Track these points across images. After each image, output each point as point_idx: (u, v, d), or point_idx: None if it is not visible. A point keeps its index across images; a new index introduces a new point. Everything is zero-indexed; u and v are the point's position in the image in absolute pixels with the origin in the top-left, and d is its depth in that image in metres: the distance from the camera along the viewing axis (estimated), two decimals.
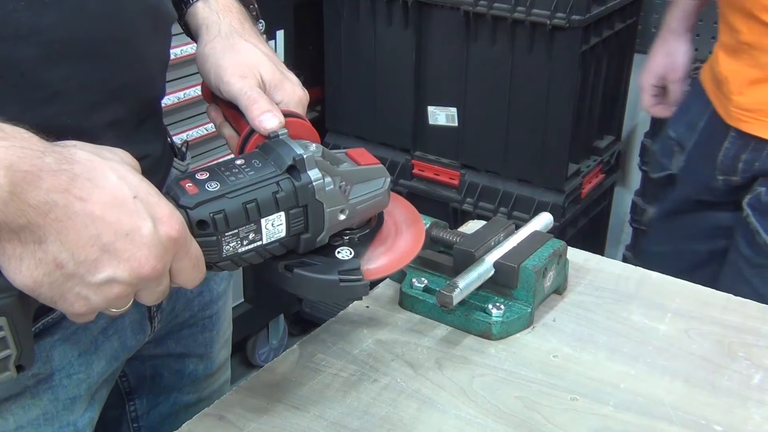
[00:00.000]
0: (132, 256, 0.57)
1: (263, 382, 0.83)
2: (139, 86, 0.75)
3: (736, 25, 1.28)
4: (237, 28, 0.81)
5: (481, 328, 0.89)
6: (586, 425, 0.77)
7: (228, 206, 0.64)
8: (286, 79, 0.80)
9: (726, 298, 0.97)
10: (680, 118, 1.49)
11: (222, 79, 0.77)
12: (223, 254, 0.65)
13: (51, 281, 0.56)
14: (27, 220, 0.54)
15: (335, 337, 0.89)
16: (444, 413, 0.78)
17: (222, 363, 1.02)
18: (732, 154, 1.32)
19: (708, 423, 0.78)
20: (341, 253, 0.72)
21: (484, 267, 0.90)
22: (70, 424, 0.76)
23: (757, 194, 1.30)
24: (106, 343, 0.79)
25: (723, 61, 1.33)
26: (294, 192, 0.67)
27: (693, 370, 0.85)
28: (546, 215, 1.03)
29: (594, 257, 1.05)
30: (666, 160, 1.51)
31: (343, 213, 0.71)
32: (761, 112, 1.28)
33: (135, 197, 0.57)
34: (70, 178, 0.55)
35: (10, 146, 0.53)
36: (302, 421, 0.77)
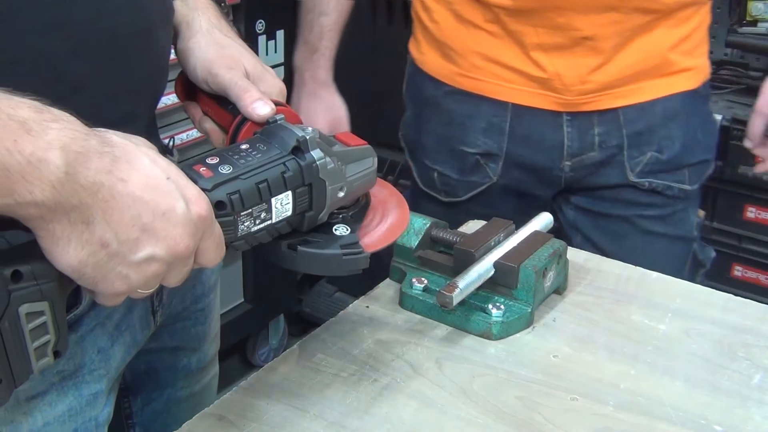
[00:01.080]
0: (168, 235, 0.59)
1: (263, 382, 0.83)
2: (154, 78, 0.78)
3: (573, 24, 1.28)
4: (215, 23, 0.85)
5: (481, 328, 0.89)
6: (586, 425, 0.77)
7: (242, 187, 0.66)
8: (266, 71, 0.83)
9: (726, 298, 0.97)
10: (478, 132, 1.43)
11: (210, 71, 0.80)
12: (239, 233, 0.67)
13: (95, 261, 0.57)
14: (79, 200, 0.55)
15: (335, 337, 0.89)
16: (444, 413, 0.78)
17: (212, 357, 1.03)
18: (577, 135, 1.35)
19: (708, 423, 0.78)
20: (338, 230, 0.75)
21: (484, 267, 0.90)
22: (92, 419, 0.77)
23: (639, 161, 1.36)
24: (120, 339, 0.80)
25: (547, 62, 1.32)
26: (300, 171, 0.70)
27: (693, 370, 0.85)
28: (546, 215, 1.03)
29: (594, 257, 1.05)
30: (477, 176, 1.44)
31: (341, 190, 0.74)
32: (610, 88, 1.32)
33: (168, 178, 0.60)
34: (112, 160, 0.57)
35: (62, 128, 0.55)
36: (302, 421, 0.77)
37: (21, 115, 0.54)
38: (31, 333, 0.58)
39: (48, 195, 0.54)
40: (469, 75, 1.37)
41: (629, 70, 1.32)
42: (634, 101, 1.34)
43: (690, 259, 1.48)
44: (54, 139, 0.54)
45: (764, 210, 2.04)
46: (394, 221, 0.79)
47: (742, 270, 2.10)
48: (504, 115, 1.36)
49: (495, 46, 1.33)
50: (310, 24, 1.42)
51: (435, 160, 1.43)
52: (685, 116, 1.38)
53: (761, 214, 2.04)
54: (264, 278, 2.16)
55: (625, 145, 1.35)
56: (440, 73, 1.41)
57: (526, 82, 1.34)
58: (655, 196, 1.39)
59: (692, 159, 1.40)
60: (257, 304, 2.17)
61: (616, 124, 1.34)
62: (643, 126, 1.35)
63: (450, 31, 1.37)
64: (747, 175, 2.01)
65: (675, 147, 1.37)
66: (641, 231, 1.41)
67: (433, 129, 1.43)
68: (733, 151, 2.01)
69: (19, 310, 0.57)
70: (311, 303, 2.49)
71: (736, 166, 2.02)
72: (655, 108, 1.35)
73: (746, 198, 2.05)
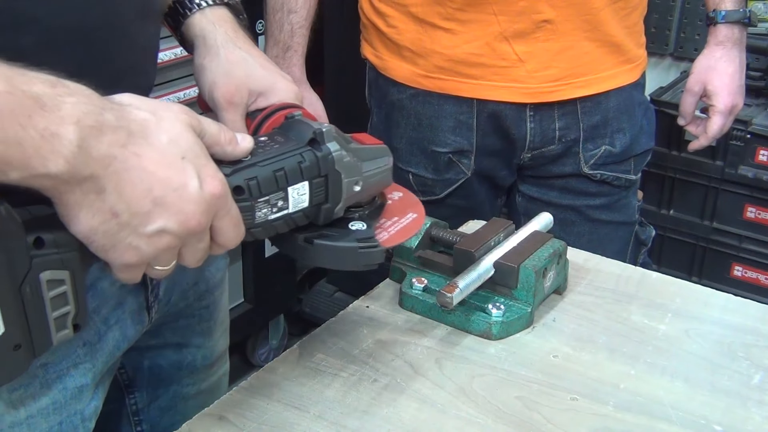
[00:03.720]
0: (180, 210, 0.61)
1: (263, 382, 0.83)
2: (131, 73, 0.77)
3: (536, 6, 1.30)
4: (232, 36, 0.86)
5: (481, 328, 0.89)
6: (586, 425, 0.77)
7: (260, 173, 0.68)
8: (279, 79, 0.85)
9: (726, 298, 0.97)
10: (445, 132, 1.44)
11: (213, 97, 0.83)
12: (256, 220, 0.69)
13: (106, 229, 0.59)
14: (90, 172, 0.57)
15: (335, 337, 0.89)
16: (444, 413, 0.78)
17: (220, 353, 1.03)
18: (539, 130, 1.38)
19: (708, 423, 0.78)
20: (354, 226, 0.76)
21: (484, 267, 0.90)
22: (77, 413, 0.77)
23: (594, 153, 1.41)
24: (108, 333, 0.80)
25: (509, 50, 1.33)
26: (316, 162, 0.71)
27: (693, 370, 0.85)
28: (546, 215, 1.03)
29: (594, 257, 1.05)
30: (452, 173, 1.45)
31: (357, 184, 0.75)
32: (571, 76, 1.36)
33: (183, 158, 0.61)
34: (127, 134, 0.59)
35: (77, 102, 0.57)
36: (302, 421, 0.77)
37: (35, 91, 0.55)
38: (51, 301, 0.60)
39: (61, 167, 0.56)
40: (431, 76, 1.39)
41: (587, 57, 1.36)
42: (591, 92, 1.38)
43: (632, 240, 1.55)
44: (68, 113, 0.56)
45: (764, 210, 2.04)
46: (409, 221, 0.80)
47: (742, 270, 2.10)
48: (470, 111, 1.38)
49: (454, 43, 1.35)
50: (280, 23, 1.43)
51: (408, 163, 1.45)
52: (633, 108, 1.43)
53: (761, 214, 2.04)
54: (264, 278, 2.16)
55: (581, 139, 1.40)
56: (403, 77, 1.42)
57: (488, 75, 1.36)
58: (603, 186, 1.44)
59: (639, 149, 1.45)
60: (257, 304, 2.17)
61: (574, 117, 1.38)
62: (599, 119, 1.40)
63: (409, 34, 1.39)
64: (747, 175, 2.02)
65: (626, 139, 1.43)
66: (588, 219, 1.46)
67: (402, 132, 1.45)
68: (733, 151, 2.02)
69: (41, 276, 0.59)
70: (311, 303, 2.49)
71: (736, 166, 2.03)
72: (609, 101, 1.40)
73: (746, 198, 2.05)
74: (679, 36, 2.35)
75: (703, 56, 1.50)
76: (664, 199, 2.17)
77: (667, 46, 2.36)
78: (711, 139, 1.53)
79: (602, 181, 1.44)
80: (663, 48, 2.36)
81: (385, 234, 0.77)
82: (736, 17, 1.47)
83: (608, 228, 1.48)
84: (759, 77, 2.10)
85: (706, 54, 1.49)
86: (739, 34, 1.48)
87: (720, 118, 1.48)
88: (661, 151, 2.07)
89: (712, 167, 2.06)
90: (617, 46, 1.38)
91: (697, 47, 2.30)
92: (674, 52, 2.36)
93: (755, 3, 2.11)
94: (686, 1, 2.31)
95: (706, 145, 1.57)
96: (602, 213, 1.47)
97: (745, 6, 1.49)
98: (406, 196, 0.84)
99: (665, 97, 2.10)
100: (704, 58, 1.49)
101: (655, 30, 2.33)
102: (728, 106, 1.48)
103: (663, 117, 1.92)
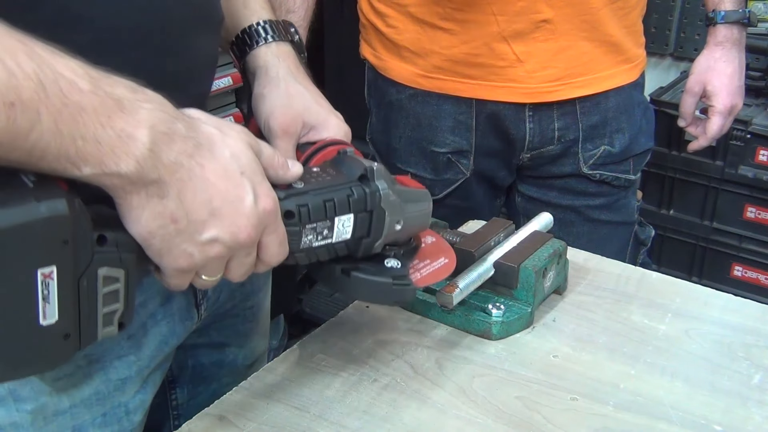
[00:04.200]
0: (234, 222, 0.63)
1: (263, 382, 0.83)
2: (183, 80, 0.79)
3: (535, 6, 1.30)
4: (293, 71, 0.90)
5: (481, 328, 0.89)
6: (586, 425, 0.77)
7: (311, 201, 0.71)
8: (331, 117, 0.89)
9: (726, 298, 0.97)
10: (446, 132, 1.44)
11: (269, 126, 0.86)
12: (301, 245, 0.72)
13: (164, 234, 0.62)
14: (158, 176, 0.60)
15: (335, 337, 0.89)
16: (444, 413, 0.78)
17: (261, 354, 1.05)
18: (539, 130, 1.38)
19: (708, 423, 0.78)
20: (390, 263, 0.79)
21: (484, 267, 0.90)
22: (121, 405, 0.79)
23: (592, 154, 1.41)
24: (155, 328, 0.82)
25: (508, 50, 1.34)
26: (365, 197, 0.74)
27: (693, 370, 0.85)
28: (546, 215, 1.03)
29: (594, 257, 1.05)
30: (451, 173, 1.45)
31: (398, 224, 0.77)
32: (570, 76, 1.36)
33: (242, 173, 0.64)
34: (195, 145, 0.62)
35: (153, 109, 0.60)
36: (302, 421, 0.77)
37: (117, 93, 0.58)
38: (104, 297, 0.62)
39: (132, 168, 0.58)
40: (430, 76, 1.39)
41: (586, 57, 1.36)
42: (590, 92, 1.38)
43: (632, 240, 1.55)
44: (144, 118, 0.59)
45: (764, 210, 2.04)
46: (441, 265, 0.82)
47: (742, 270, 2.10)
48: (469, 111, 1.38)
49: (453, 43, 1.35)
50: None
51: (407, 163, 1.45)
52: (632, 107, 1.44)
53: (761, 214, 2.05)
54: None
55: (581, 139, 1.40)
56: (402, 77, 1.42)
57: (486, 75, 1.36)
58: (603, 186, 1.44)
59: (638, 149, 1.46)
60: None
61: (573, 118, 1.39)
62: (598, 119, 1.40)
63: (408, 34, 1.39)
64: (747, 175, 2.02)
65: (625, 139, 1.43)
66: (587, 219, 1.47)
67: (401, 132, 1.46)
68: (733, 151, 2.02)
69: (99, 271, 0.61)
70: (311, 303, 2.49)
71: (736, 166, 2.03)
72: (608, 101, 1.40)
73: (746, 198, 2.05)
74: (679, 36, 2.35)
75: (703, 57, 1.50)
76: (664, 199, 2.17)
77: (667, 46, 2.36)
78: (710, 139, 1.53)
79: (601, 181, 1.44)
80: (663, 48, 2.36)
81: (418, 275, 0.80)
82: (735, 18, 1.47)
83: (608, 228, 1.49)
84: (759, 77, 2.10)
85: (705, 54, 1.50)
86: (738, 35, 1.48)
87: (719, 118, 1.48)
88: (661, 151, 2.07)
89: (712, 167, 2.06)
90: (616, 46, 1.38)
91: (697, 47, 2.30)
92: (674, 52, 2.37)
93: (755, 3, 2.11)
94: (686, 1, 2.31)
95: (705, 146, 1.57)
96: (601, 213, 1.47)
97: (744, 6, 1.49)
98: (438, 242, 0.86)
99: (665, 97, 2.10)
100: (703, 59, 1.50)
101: (655, 30, 2.33)
102: (727, 107, 1.48)
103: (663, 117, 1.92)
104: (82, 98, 0.56)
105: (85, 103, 0.56)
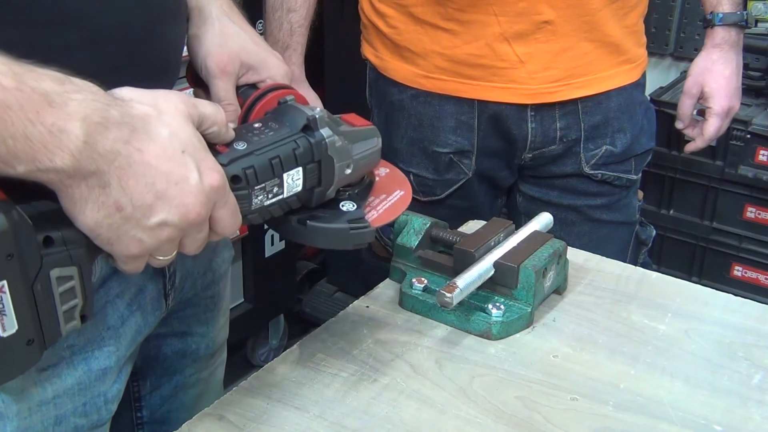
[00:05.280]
0: (181, 202, 0.63)
1: (263, 382, 0.83)
2: (166, 69, 0.80)
3: (536, 8, 1.31)
4: (227, 10, 0.89)
5: (481, 328, 0.89)
6: (586, 425, 0.77)
7: (257, 162, 0.70)
8: (270, 56, 0.88)
9: (726, 298, 0.97)
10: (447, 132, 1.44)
11: (206, 66, 0.85)
12: (252, 207, 0.71)
13: (110, 223, 0.61)
14: (96, 167, 0.59)
15: (335, 337, 0.89)
16: (444, 413, 0.78)
17: (221, 343, 1.05)
18: (540, 130, 1.39)
19: (708, 423, 0.78)
20: (345, 206, 0.78)
21: (484, 267, 0.90)
22: (101, 395, 0.79)
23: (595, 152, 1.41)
24: (131, 318, 0.82)
25: (509, 51, 1.34)
26: (310, 148, 0.73)
27: (693, 370, 0.85)
28: (546, 215, 1.03)
29: (594, 257, 1.05)
30: (453, 174, 1.45)
31: (348, 167, 0.77)
32: (571, 77, 1.36)
33: (183, 152, 0.63)
34: (130, 130, 0.61)
35: (84, 99, 0.58)
36: (302, 421, 0.77)
37: (43, 88, 0.57)
38: (60, 296, 0.62)
39: (67, 162, 0.57)
40: (432, 76, 1.39)
41: (587, 57, 1.36)
42: (591, 92, 1.38)
43: (633, 240, 1.55)
44: (75, 110, 0.57)
45: (764, 210, 2.04)
46: (397, 199, 0.82)
47: (742, 270, 2.10)
48: (471, 112, 1.38)
49: (455, 44, 1.35)
50: (279, 21, 1.43)
51: (409, 163, 1.45)
52: (634, 107, 1.44)
53: (761, 214, 2.04)
54: (264, 278, 2.16)
55: (582, 138, 1.40)
56: (403, 77, 1.42)
57: (488, 76, 1.36)
58: (604, 186, 1.45)
59: (639, 149, 1.46)
60: (257, 304, 2.17)
61: (575, 118, 1.39)
62: (600, 119, 1.40)
63: (409, 35, 1.39)
64: (747, 175, 2.01)
65: (626, 139, 1.43)
66: (588, 219, 1.47)
67: (403, 133, 1.45)
68: (733, 151, 2.02)
69: (51, 273, 0.61)
70: (311, 303, 2.49)
71: (736, 166, 2.03)
72: (610, 101, 1.40)
73: (746, 198, 2.05)
74: (679, 36, 2.35)
75: (701, 58, 1.50)
76: (664, 199, 2.17)
77: (667, 46, 2.36)
78: (707, 141, 1.53)
79: (603, 181, 1.44)
80: (663, 48, 2.36)
81: (374, 213, 0.80)
82: (733, 20, 1.47)
83: (609, 228, 1.49)
84: (759, 77, 2.10)
85: (703, 56, 1.50)
86: (736, 37, 1.48)
87: (717, 120, 1.48)
88: (661, 151, 2.07)
89: (712, 167, 2.06)
90: (617, 46, 1.38)
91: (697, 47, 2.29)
92: (674, 52, 2.36)
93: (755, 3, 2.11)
94: (686, 1, 2.31)
95: (702, 147, 1.57)
96: (603, 213, 1.47)
97: (743, 8, 1.49)
98: (392, 172, 0.86)
99: (665, 97, 2.10)
100: (701, 60, 1.49)
101: (655, 30, 2.33)
102: (725, 108, 1.48)
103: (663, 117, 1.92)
104: (7, 96, 0.55)
105: (10, 101, 0.55)
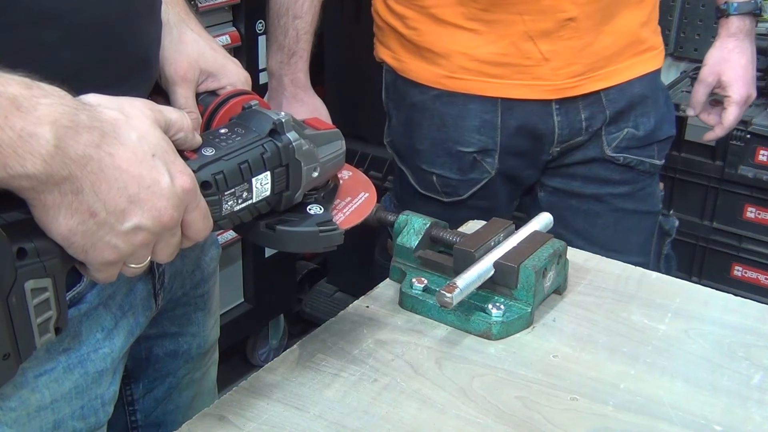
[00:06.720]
0: (153, 206, 0.62)
1: (263, 382, 0.83)
2: (141, 66, 0.80)
3: (560, 6, 1.32)
4: (184, 17, 0.88)
5: (481, 328, 0.89)
6: (586, 425, 0.77)
7: (226, 167, 0.70)
8: (228, 62, 0.87)
9: (726, 298, 0.97)
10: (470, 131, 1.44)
11: (165, 74, 0.84)
12: (223, 212, 0.71)
13: (84, 229, 0.60)
14: (69, 172, 0.58)
15: (335, 337, 0.89)
16: (444, 413, 0.78)
17: (213, 342, 1.05)
18: (567, 123, 1.40)
19: (708, 423, 0.78)
20: (312, 209, 0.79)
21: (484, 267, 0.90)
22: (98, 397, 0.79)
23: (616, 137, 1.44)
24: (123, 320, 0.82)
25: (533, 49, 1.35)
26: (278, 152, 0.74)
27: (693, 370, 0.85)
28: (546, 215, 1.03)
29: (594, 257, 1.05)
30: (476, 173, 1.45)
31: (315, 171, 0.78)
32: (592, 70, 1.38)
33: (153, 155, 0.63)
34: (100, 135, 0.60)
35: (52, 103, 0.58)
36: (302, 421, 0.77)
37: (11, 92, 0.56)
38: (35, 308, 0.61)
39: (39, 168, 0.56)
40: (455, 76, 1.39)
41: (607, 50, 1.37)
42: (614, 83, 1.40)
43: (657, 230, 1.55)
44: (44, 114, 0.57)
45: (764, 210, 2.04)
46: (362, 201, 0.84)
47: (742, 270, 2.10)
48: (494, 111, 1.38)
49: (478, 44, 1.35)
50: (285, 28, 1.43)
51: (433, 164, 1.45)
52: (657, 93, 1.45)
53: (761, 214, 2.04)
54: (264, 278, 2.16)
55: (606, 123, 1.42)
56: (425, 78, 1.42)
57: (512, 74, 1.36)
58: (627, 171, 1.45)
59: (662, 135, 1.47)
60: (257, 304, 2.17)
61: (599, 107, 1.40)
62: (624, 104, 1.41)
63: (430, 35, 1.39)
64: (747, 175, 2.01)
65: (650, 123, 1.44)
66: (612, 209, 1.47)
67: (426, 134, 1.45)
68: (733, 151, 2.02)
69: (25, 285, 0.60)
70: (311, 303, 2.49)
71: (736, 166, 2.03)
72: (633, 87, 1.41)
73: (746, 198, 2.05)
74: (679, 36, 2.35)
75: (716, 48, 1.50)
76: (664, 199, 2.17)
77: (667, 46, 2.35)
78: (727, 129, 1.53)
79: (626, 166, 1.44)
80: None
81: (341, 215, 0.81)
82: (748, 8, 1.48)
83: (633, 218, 1.48)
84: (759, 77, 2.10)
85: (718, 46, 1.50)
86: (750, 25, 1.49)
87: (736, 108, 1.49)
88: None
89: (712, 167, 2.06)
90: (636, 36, 1.39)
91: (697, 47, 2.30)
92: (674, 52, 2.36)
93: None
94: (686, 1, 2.31)
95: (721, 135, 1.57)
96: (626, 202, 1.47)
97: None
98: (355, 175, 0.87)
99: None
100: (717, 50, 1.50)
101: None
102: (744, 96, 1.49)
103: None
104: None
105: None
